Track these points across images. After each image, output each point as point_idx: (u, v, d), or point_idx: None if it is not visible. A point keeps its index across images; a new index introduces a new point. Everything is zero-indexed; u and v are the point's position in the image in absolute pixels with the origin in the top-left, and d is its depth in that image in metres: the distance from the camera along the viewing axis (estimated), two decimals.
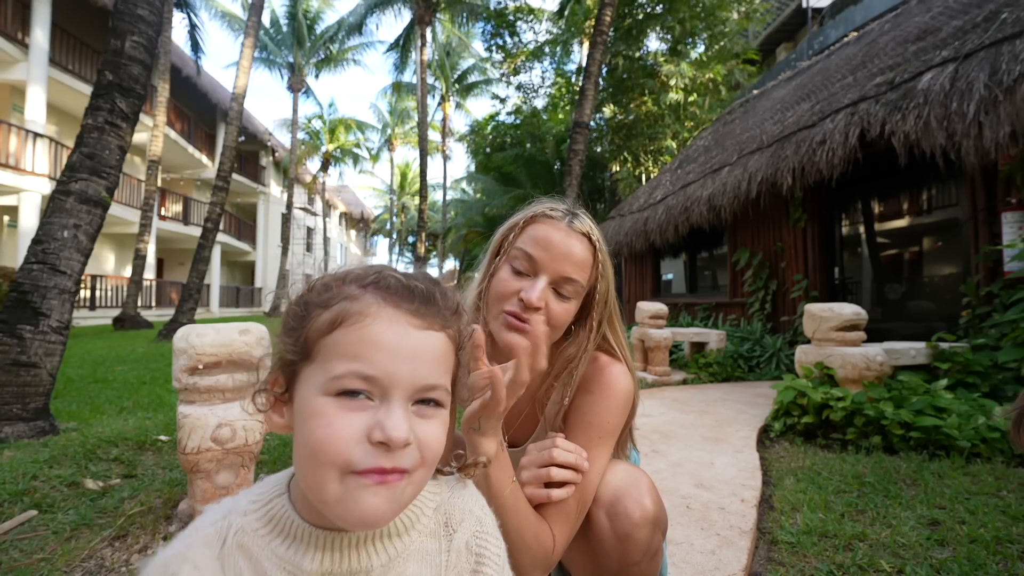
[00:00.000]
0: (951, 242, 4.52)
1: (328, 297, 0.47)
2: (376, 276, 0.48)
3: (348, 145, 26.81)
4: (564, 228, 0.86)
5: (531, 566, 0.80)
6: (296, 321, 0.48)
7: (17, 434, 2.40)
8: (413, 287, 0.48)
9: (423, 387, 0.46)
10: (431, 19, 15.06)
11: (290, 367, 0.48)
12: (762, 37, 18.37)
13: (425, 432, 0.46)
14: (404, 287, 0.48)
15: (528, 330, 0.82)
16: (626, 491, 0.83)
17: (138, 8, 2.89)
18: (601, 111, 14.01)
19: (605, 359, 0.89)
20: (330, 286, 0.48)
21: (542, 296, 0.82)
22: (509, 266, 0.86)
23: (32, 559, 1.39)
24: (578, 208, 0.91)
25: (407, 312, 0.47)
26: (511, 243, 0.88)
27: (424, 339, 0.47)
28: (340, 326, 0.45)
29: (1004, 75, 3.24)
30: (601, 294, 0.88)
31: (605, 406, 0.86)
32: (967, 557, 1.42)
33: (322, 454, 0.43)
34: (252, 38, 9.67)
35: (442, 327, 0.49)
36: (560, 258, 0.83)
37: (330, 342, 0.45)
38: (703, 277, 8.10)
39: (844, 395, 2.72)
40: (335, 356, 0.44)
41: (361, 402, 0.44)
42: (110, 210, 2.98)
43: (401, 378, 0.44)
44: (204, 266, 8.98)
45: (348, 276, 0.49)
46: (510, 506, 0.77)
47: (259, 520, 0.48)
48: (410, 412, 0.45)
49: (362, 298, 0.46)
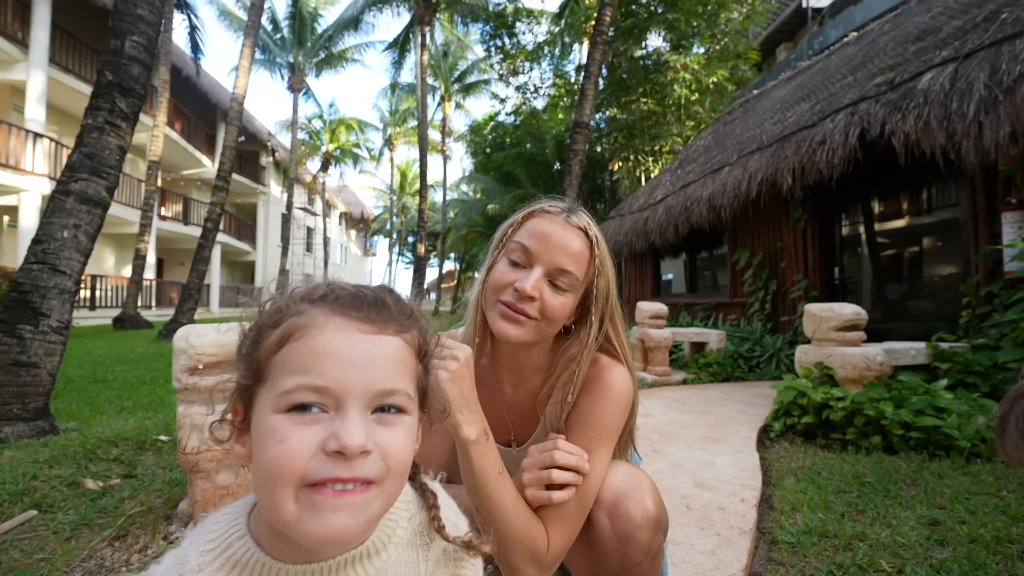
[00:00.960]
0: (951, 242, 4.52)
1: (278, 317, 0.46)
2: (325, 289, 0.48)
3: (348, 145, 26.81)
4: (561, 222, 0.87)
5: (521, 561, 0.79)
6: (249, 346, 0.47)
7: (17, 434, 2.40)
8: (362, 295, 0.48)
9: (379, 392, 0.44)
10: (431, 19, 15.05)
11: (246, 392, 0.46)
12: (762, 37, 18.37)
13: (387, 439, 0.44)
14: (352, 296, 0.47)
15: (521, 320, 0.83)
16: (627, 492, 0.83)
17: (138, 8, 2.89)
18: (601, 111, 14.02)
19: (606, 360, 0.89)
20: (280, 307, 0.47)
21: (536, 285, 0.83)
22: (507, 259, 0.88)
23: (32, 559, 1.39)
24: (578, 206, 0.92)
25: (356, 319, 0.46)
26: (510, 238, 0.89)
27: (375, 343, 0.46)
28: (288, 341, 0.44)
29: (1004, 75, 3.24)
30: (600, 290, 0.88)
31: (605, 408, 0.85)
32: (967, 557, 1.42)
33: (276, 471, 0.41)
34: (252, 38, 9.68)
35: (396, 331, 0.48)
36: (555, 249, 0.84)
37: (280, 359, 0.44)
38: (703, 277, 8.10)
39: (844, 395, 2.72)
40: (284, 372, 0.43)
41: (314, 416, 0.42)
42: (110, 210, 2.98)
43: (353, 385, 0.43)
44: (204, 266, 8.99)
45: (296, 293, 0.49)
46: (495, 496, 0.77)
47: (219, 572, 0.44)
48: (369, 420, 0.43)
49: (309, 311, 0.45)
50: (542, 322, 0.85)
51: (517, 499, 0.80)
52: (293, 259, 25.68)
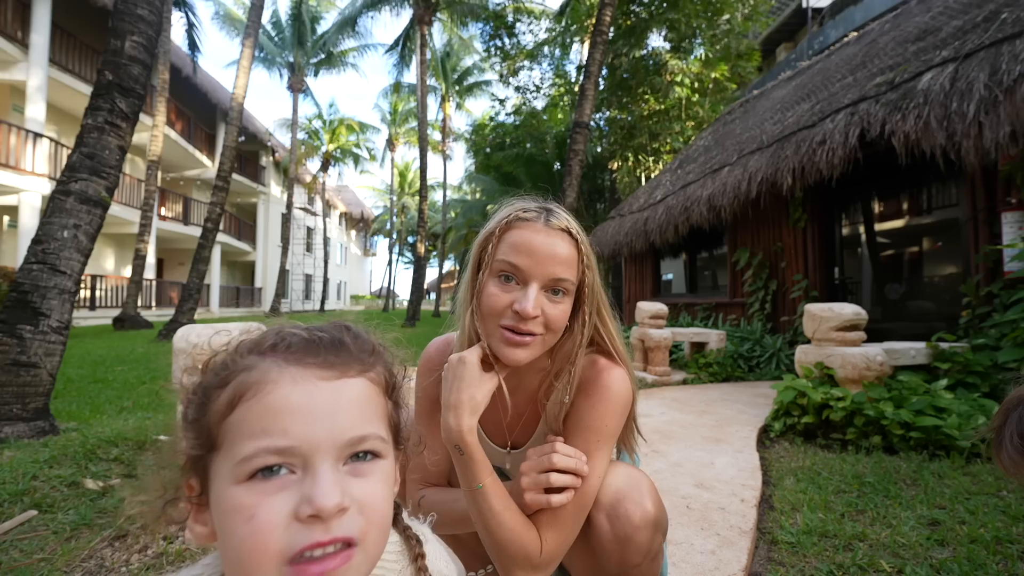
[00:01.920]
0: (951, 242, 4.52)
1: (225, 375, 0.42)
2: (274, 338, 0.44)
3: (348, 145, 26.82)
4: (543, 228, 0.83)
5: (512, 565, 0.79)
6: (196, 411, 0.42)
7: (17, 434, 2.40)
8: (317, 339, 0.44)
9: (350, 441, 0.41)
10: (431, 19, 15.05)
11: (199, 463, 0.42)
12: (762, 37, 18.36)
13: (364, 491, 0.40)
14: (306, 341, 0.43)
15: (528, 343, 0.81)
16: (627, 493, 0.83)
17: (138, 8, 2.89)
18: (602, 111, 14.01)
19: (604, 363, 0.89)
20: (226, 363, 0.43)
21: (537, 304, 0.80)
22: (496, 279, 0.83)
23: (32, 559, 1.39)
24: (551, 204, 0.89)
25: (313, 366, 0.42)
26: (491, 255, 0.84)
27: (339, 389, 0.42)
28: (240, 402, 0.40)
29: (1004, 75, 3.24)
30: (589, 286, 0.87)
31: (603, 410, 0.85)
32: (967, 557, 1.42)
33: (249, 554, 0.36)
34: (252, 38, 9.68)
35: (360, 372, 0.44)
36: (546, 261, 0.81)
37: (233, 422, 0.40)
38: (703, 277, 8.10)
39: (844, 395, 2.72)
40: (241, 436, 0.39)
41: (282, 479, 0.38)
42: (110, 210, 2.98)
43: (321, 440, 0.39)
44: (204, 266, 8.99)
45: (243, 346, 0.44)
46: (483, 502, 0.78)
47: None
48: (342, 473, 0.40)
49: (260, 365, 0.41)
50: (547, 335, 0.83)
51: (507, 504, 0.80)
52: (293, 259, 25.69)
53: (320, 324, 0.47)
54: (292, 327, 0.46)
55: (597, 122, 14.38)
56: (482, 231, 0.89)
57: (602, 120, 14.52)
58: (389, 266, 34.11)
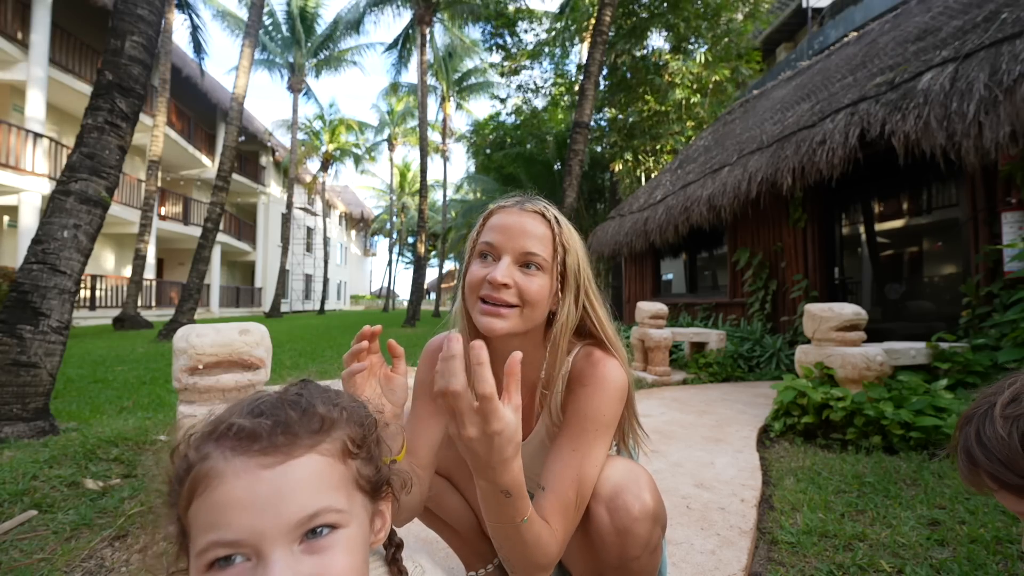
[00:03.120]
0: (951, 242, 4.52)
1: (186, 465, 0.44)
2: (224, 427, 0.45)
3: (348, 145, 26.82)
4: (516, 211, 0.90)
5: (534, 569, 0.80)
6: (171, 497, 0.45)
7: (17, 434, 2.40)
8: (257, 427, 0.44)
9: (298, 523, 0.41)
10: (431, 19, 15.06)
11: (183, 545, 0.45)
12: (762, 37, 18.37)
13: (321, 568, 0.41)
14: (249, 431, 0.44)
15: (503, 312, 0.85)
16: (625, 486, 0.84)
17: (138, 8, 2.89)
18: (602, 111, 14.00)
19: (599, 354, 0.91)
20: (185, 454, 0.45)
21: (507, 272, 0.85)
22: (476, 259, 0.91)
23: (32, 559, 1.39)
24: (532, 196, 0.96)
25: (256, 454, 0.43)
26: (475, 241, 0.93)
27: (283, 476, 0.42)
28: (195, 497, 0.42)
29: (1004, 75, 3.24)
30: (569, 267, 0.91)
31: (600, 400, 0.87)
32: (967, 557, 1.42)
33: None
34: (252, 38, 9.68)
35: (308, 448, 0.45)
36: (517, 235, 0.87)
37: (192, 515, 0.42)
38: (703, 277, 8.10)
39: (844, 395, 2.72)
40: (196, 530, 0.42)
41: (236, 569, 0.40)
42: (110, 210, 2.98)
43: (266, 529, 0.40)
44: (204, 266, 8.99)
45: (199, 436, 0.46)
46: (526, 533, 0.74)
47: None
48: (296, 554, 0.41)
49: (211, 456, 0.43)
50: (525, 308, 0.87)
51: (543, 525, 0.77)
52: (293, 259, 25.69)
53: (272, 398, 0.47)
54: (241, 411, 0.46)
55: (597, 122, 14.38)
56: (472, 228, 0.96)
57: (603, 120, 14.52)
58: (389, 266, 34.13)
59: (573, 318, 0.91)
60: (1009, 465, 0.56)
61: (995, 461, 0.57)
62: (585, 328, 0.95)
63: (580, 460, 0.84)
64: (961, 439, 0.63)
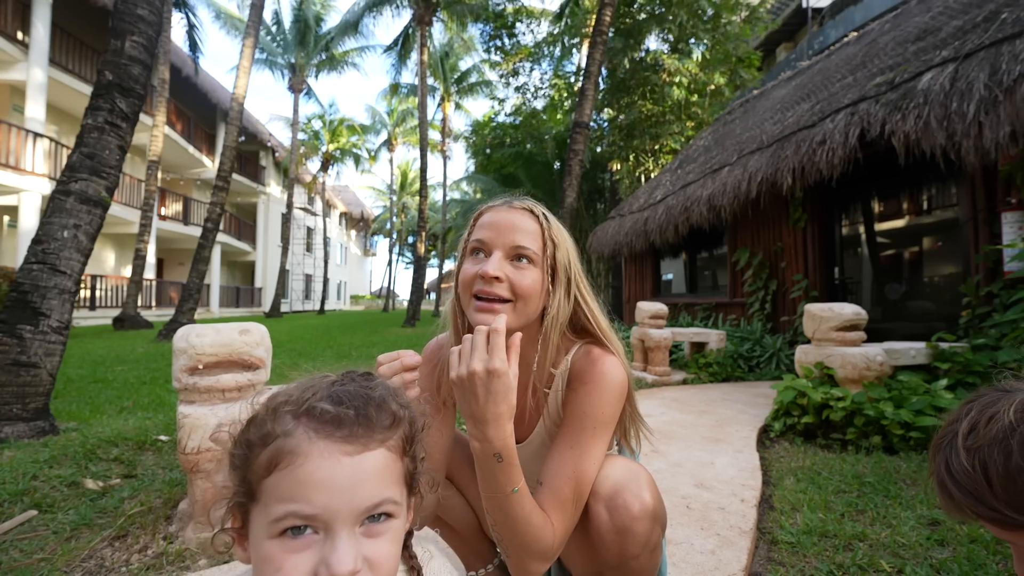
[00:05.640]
0: (951, 242, 4.52)
1: (264, 434, 0.48)
2: (308, 406, 0.49)
3: (348, 146, 26.82)
4: (504, 208, 0.93)
5: (530, 560, 0.82)
6: (239, 461, 0.49)
7: (17, 434, 2.40)
8: (342, 416, 0.48)
9: (366, 509, 0.47)
10: (431, 19, 15.05)
11: (242, 507, 0.49)
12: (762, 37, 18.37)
13: (376, 552, 0.46)
14: (334, 417, 0.48)
15: (497, 309, 0.86)
16: (625, 485, 0.84)
17: (138, 8, 2.89)
18: (602, 111, 13.99)
19: (597, 351, 0.91)
20: (265, 421, 0.49)
21: (498, 267, 0.86)
22: (468, 257, 0.92)
23: (32, 559, 1.39)
24: (520, 196, 0.97)
25: (339, 441, 0.47)
26: (467, 241, 0.94)
27: (359, 464, 0.47)
28: (276, 468, 0.46)
29: (1004, 75, 3.23)
30: (560, 260, 0.92)
31: (600, 398, 0.87)
32: (967, 557, 1.42)
33: None
34: (252, 38, 9.68)
35: (380, 443, 0.49)
36: (506, 231, 0.89)
37: (270, 484, 0.46)
38: (703, 277, 8.10)
39: (844, 395, 2.72)
40: (274, 499, 0.46)
41: (306, 539, 0.45)
42: (110, 210, 2.98)
43: (340, 510, 0.45)
44: (204, 266, 8.99)
45: (281, 407, 0.49)
46: (516, 506, 0.78)
47: None
48: (357, 536, 0.46)
49: (295, 433, 0.47)
50: (518, 302, 0.88)
51: (534, 505, 0.81)
52: (293, 259, 25.69)
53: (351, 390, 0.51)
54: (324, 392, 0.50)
55: (597, 122, 14.37)
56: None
57: (603, 120, 14.52)
58: (389, 266, 34.13)
59: (565, 311, 0.92)
60: (979, 498, 0.55)
61: (966, 494, 0.56)
62: (580, 324, 0.96)
63: (578, 457, 0.85)
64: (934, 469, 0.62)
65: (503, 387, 0.75)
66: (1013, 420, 0.54)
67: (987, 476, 0.54)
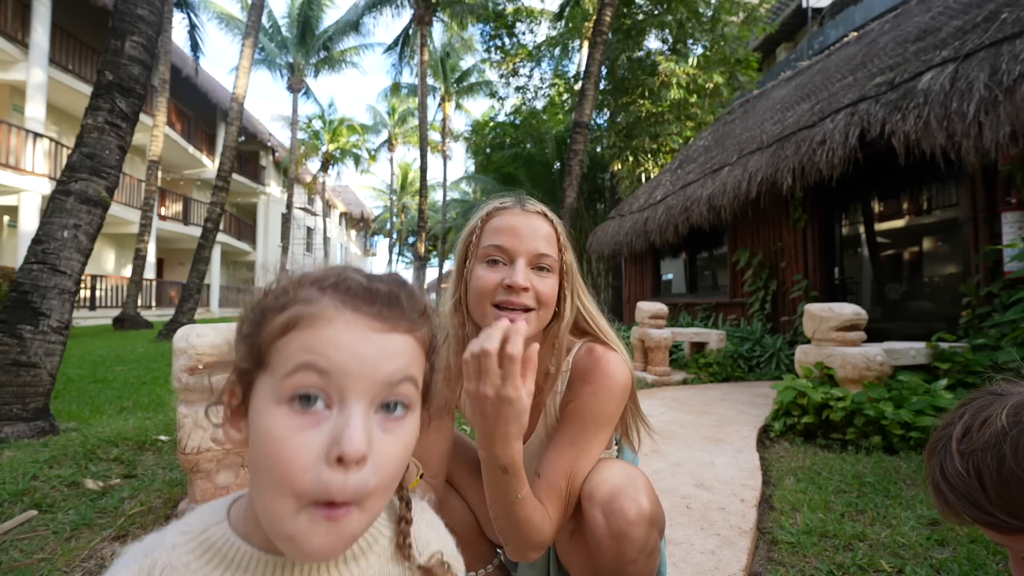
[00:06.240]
0: (951, 242, 4.52)
1: (284, 301, 0.44)
2: (336, 278, 0.45)
3: (348, 146, 26.82)
4: (520, 212, 0.90)
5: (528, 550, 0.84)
6: (251, 327, 0.45)
7: (17, 434, 2.40)
8: (375, 289, 0.45)
9: (387, 381, 0.42)
10: (431, 19, 15.05)
11: (245, 377, 0.44)
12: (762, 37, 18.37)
13: (386, 449, 0.42)
14: (365, 289, 0.44)
15: (521, 318, 0.85)
16: (622, 489, 0.84)
17: (138, 8, 2.89)
18: (602, 111, 13.99)
19: (600, 349, 0.91)
20: (287, 289, 0.45)
21: (526, 275, 0.86)
22: (482, 264, 0.89)
23: (32, 559, 1.39)
24: (526, 196, 0.96)
25: (367, 315, 0.43)
26: (476, 244, 0.91)
27: (385, 342, 0.43)
28: (294, 329, 0.42)
29: (1004, 75, 3.23)
30: (569, 265, 0.93)
31: (604, 397, 0.87)
32: (967, 557, 1.42)
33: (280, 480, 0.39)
34: (252, 38, 9.68)
35: (407, 330, 0.45)
36: (529, 237, 0.87)
37: (283, 345, 0.42)
38: (703, 277, 8.10)
39: (844, 395, 2.72)
40: (287, 356, 0.41)
41: (317, 414, 0.40)
42: (110, 210, 2.98)
43: (360, 376, 0.41)
44: (204, 266, 9.00)
45: (306, 278, 0.45)
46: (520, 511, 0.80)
47: (191, 553, 0.43)
48: (373, 421, 0.42)
49: (319, 301, 0.43)
50: (541, 310, 0.88)
51: (536, 505, 0.82)
52: (293, 259, 25.68)
53: (379, 274, 0.48)
54: (354, 270, 0.47)
55: (597, 123, 14.37)
56: (465, 227, 0.95)
57: (603, 121, 14.52)
58: (389, 266, 34.12)
59: (572, 315, 0.93)
60: (974, 503, 0.55)
61: (961, 499, 0.56)
62: (579, 324, 0.96)
63: (576, 454, 0.86)
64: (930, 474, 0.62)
65: (515, 412, 0.72)
66: (1006, 424, 0.54)
67: (981, 480, 0.54)
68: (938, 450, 0.61)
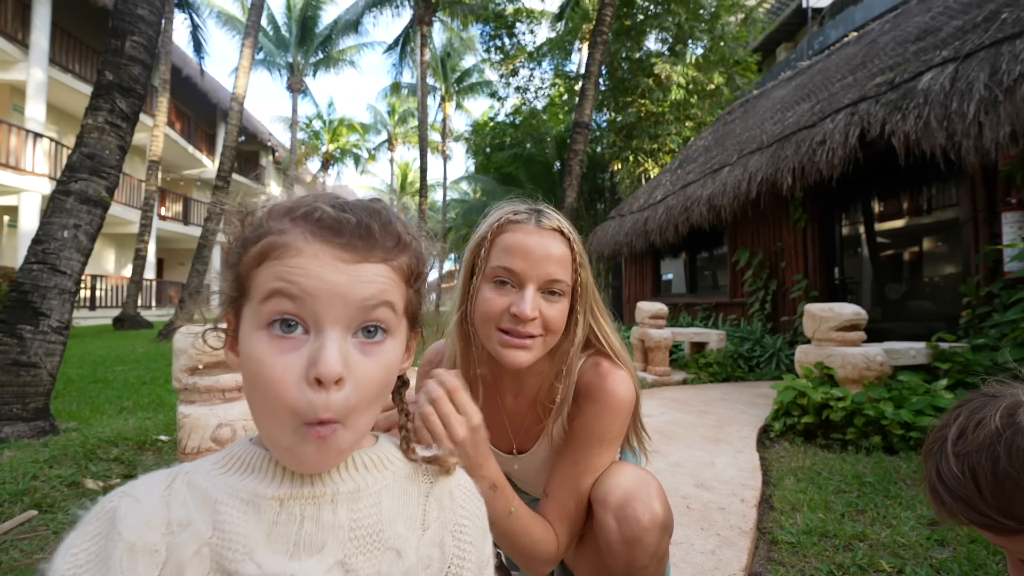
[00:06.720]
0: (951, 242, 4.52)
1: (259, 232, 0.45)
2: (307, 209, 0.45)
3: (348, 146, 26.82)
4: (535, 230, 0.83)
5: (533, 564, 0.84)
6: (233, 257, 0.47)
7: (17, 434, 2.40)
8: (343, 220, 0.44)
9: (360, 307, 0.43)
10: (431, 19, 15.05)
11: (233, 304, 0.47)
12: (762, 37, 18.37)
13: (364, 370, 0.43)
14: (335, 220, 0.44)
15: (528, 345, 0.81)
16: (635, 494, 0.82)
17: (138, 8, 2.89)
18: (602, 111, 13.99)
19: (607, 366, 0.88)
20: (262, 221, 0.46)
21: (534, 306, 0.80)
22: (490, 284, 0.83)
23: (32, 559, 1.39)
24: (540, 204, 0.88)
25: (336, 246, 0.43)
26: (484, 259, 0.84)
27: (356, 271, 0.44)
28: (267, 259, 0.43)
29: (1004, 75, 3.23)
30: (583, 285, 0.86)
31: (610, 416, 0.86)
32: (967, 557, 1.42)
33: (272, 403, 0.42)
34: (252, 38, 9.68)
35: (381, 259, 0.45)
36: (540, 262, 0.81)
37: (258, 273, 0.44)
38: (703, 277, 8.10)
39: (844, 395, 2.72)
40: (263, 282, 0.43)
41: (296, 339, 0.42)
42: (110, 210, 2.98)
43: (331, 303, 0.42)
44: (204, 266, 8.99)
45: (278, 209, 0.46)
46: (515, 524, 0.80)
47: (214, 464, 0.48)
48: (349, 344, 0.43)
49: (290, 232, 0.44)
50: (547, 336, 0.83)
51: (531, 516, 0.82)
52: None
53: (354, 201, 0.48)
54: (326, 198, 0.47)
55: (597, 123, 14.37)
56: (474, 236, 0.88)
57: (603, 121, 14.52)
58: None
59: (583, 335, 0.88)
60: (970, 504, 0.55)
61: (957, 500, 0.56)
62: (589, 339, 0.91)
63: (581, 472, 0.85)
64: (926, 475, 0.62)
65: (484, 433, 0.73)
66: (999, 425, 0.54)
67: (976, 482, 0.54)
68: (934, 452, 0.61)
